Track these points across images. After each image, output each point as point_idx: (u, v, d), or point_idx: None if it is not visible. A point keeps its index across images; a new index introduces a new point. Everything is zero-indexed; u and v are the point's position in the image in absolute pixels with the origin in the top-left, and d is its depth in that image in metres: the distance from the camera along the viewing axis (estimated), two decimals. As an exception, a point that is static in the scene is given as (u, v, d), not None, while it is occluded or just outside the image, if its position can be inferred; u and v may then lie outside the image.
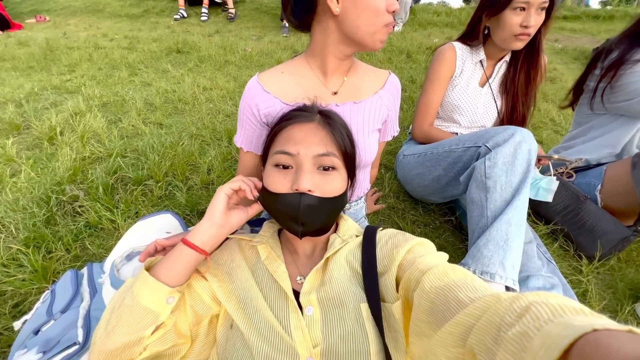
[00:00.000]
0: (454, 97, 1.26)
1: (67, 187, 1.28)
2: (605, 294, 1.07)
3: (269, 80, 0.79)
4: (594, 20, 5.22)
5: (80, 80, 2.40)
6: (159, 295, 0.51)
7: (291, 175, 0.58)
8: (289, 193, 0.57)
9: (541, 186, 1.15)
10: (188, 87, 2.29)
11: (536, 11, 1.03)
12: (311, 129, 0.61)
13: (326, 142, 0.60)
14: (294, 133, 0.61)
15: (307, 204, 0.56)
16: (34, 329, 0.66)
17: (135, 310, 0.49)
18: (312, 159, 0.58)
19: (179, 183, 1.36)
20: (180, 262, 0.54)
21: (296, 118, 0.63)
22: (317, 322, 0.54)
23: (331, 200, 0.59)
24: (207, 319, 0.58)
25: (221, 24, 4.12)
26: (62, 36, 3.55)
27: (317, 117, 0.63)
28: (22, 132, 1.74)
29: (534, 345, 0.27)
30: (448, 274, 0.46)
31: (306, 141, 0.59)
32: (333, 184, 0.59)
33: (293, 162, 0.59)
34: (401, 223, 1.27)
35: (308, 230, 0.59)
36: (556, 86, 2.72)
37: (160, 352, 0.52)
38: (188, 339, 0.56)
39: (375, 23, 0.69)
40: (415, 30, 4.07)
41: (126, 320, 0.49)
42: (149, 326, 0.49)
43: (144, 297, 0.50)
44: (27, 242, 1.05)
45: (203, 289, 0.59)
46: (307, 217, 0.57)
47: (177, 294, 0.53)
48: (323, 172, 0.59)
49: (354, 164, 0.66)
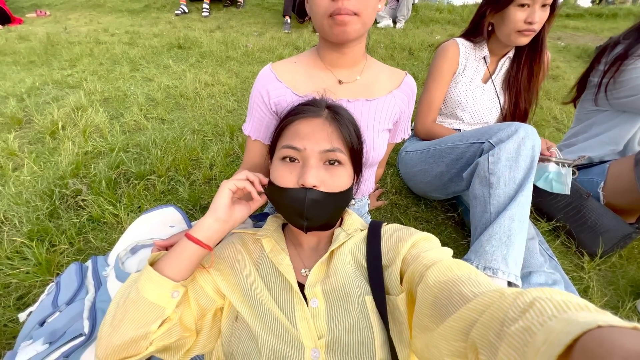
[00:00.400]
0: (457, 94, 1.26)
1: (69, 181, 1.28)
2: (607, 291, 1.07)
3: (282, 69, 0.80)
4: (597, 18, 5.19)
5: (82, 75, 2.39)
6: (164, 289, 0.51)
7: (297, 169, 0.59)
8: (294, 188, 0.57)
9: (553, 179, 1.15)
10: (190, 82, 2.29)
11: (540, 7, 1.02)
12: (318, 124, 0.61)
13: (333, 137, 0.60)
14: (301, 128, 0.61)
15: (312, 199, 0.56)
16: (40, 320, 0.66)
17: (141, 305, 0.49)
18: (318, 154, 0.58)
19: (182, 178, 1.36)
20: (184, 257, 0.54)
21: (304, 113, 0.63)
22: (322, 314, 0.54)
23: (336, 195, 0.59)
24: (212, 312, 0.58)
25: (222, 20, 4.10)
26: (63, 31, 3.53)
27: (325, 112, 0.63)
28: (23, 126, 1.74)
29: (537, 341, 0.27)
30: (452, 268, 0.47)
31: (313, 136, 0.59)
32: (339, 179, 0.59)
33: (300, 157, 0.59)
34: (403, 219, 1.28)
35: (313, 225, 0.59)
36: (558, 84, 2.71)
37: (166, 345, 0.53)
38: (193, 332, 0.56)
39: (318, 12, 0.67)
40: (418, 27, 4.05)
41: (132, 315, 0.49)
42: (155, 321, 0.50)
43: (148, 291, 0.50)
44: (31, 235, 1.05)
45: (207, 282, 0.59)
46: (312, 212, 0.57)
47: (181, 288, 0.53)
48: (329, 167, 0.59)
49: (360, 160, 0.66)
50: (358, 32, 0.68)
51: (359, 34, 0.70)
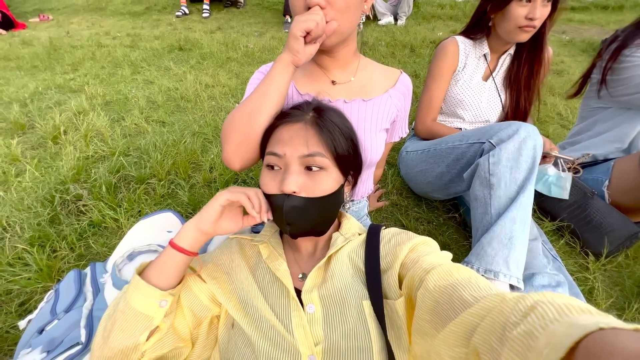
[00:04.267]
0: (457, 92, 1.24)
1: (70, 186, 1.29)
2: (613, 292, 1.05)
3: None
4: (602, 11, 5.09)
5: (84, 79, 2.41)
6: (151, 298, 0.50)
7: (280, 176, 0.58)
8: (276, 194, 0.57)
9: (552, 182, 1.13)
10: (190, 84, 2.29)
11: (542, 3, 1.01)
12: (298, 129, 0.59)
13: (312, 142, 0.58)
14: (282, 133, 0.60)
15: (291, 205, 0.55)
16: (39, 328, 0.67)
17: (129, 315, 0.49)
18: (298, 159, 0.57)
19: (182, 181, 1.36)
20: (170, 265, 0.53)
21: (287, 117, 0.62)
22: (319, 320, 0.53)
23: (320, 200, 0.58)
24: (207, 321, 0.58)
25: (223, 20, 4.10)
26: (66, 35, 3.56)
27: (308, 116, 0.61)
28: (26, 131, 1.75)
29: (539, 345, 0.27)
30: (452, 273, 0.46)
31: (292, 142, 0.58)
32: (321, 184, 0.58)
33: (281, 163, 0.58)
34: (404, 220, 1.27)
35: (296, 231, 0.58)
36: (563, 79, 2.67)
37: (160, 356, 0.52)
38: (188, 341, 0.56)
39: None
40: (419, 24, 4.01)
41: (120, 326, 0.49)
42: (143, 331, 0.49)
43: (136, 301, 0.50)
44: (32, 242, 1.06)
45: (201, 291, 0.59)
46: (292, 218, 0.56)
47: (169, 297, 0.52)
48: (310, 173, 0.58)
49: (352, 163, 0.65)
50: (334, 42, 0.67)
51: (335, 43, 0.69)
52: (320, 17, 0.61)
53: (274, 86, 0.64)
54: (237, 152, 0.66)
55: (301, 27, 0.60)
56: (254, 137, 0.64)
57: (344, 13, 0.64)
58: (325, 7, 0.62)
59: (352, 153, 0.64)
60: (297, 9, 0.66)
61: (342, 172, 0.62)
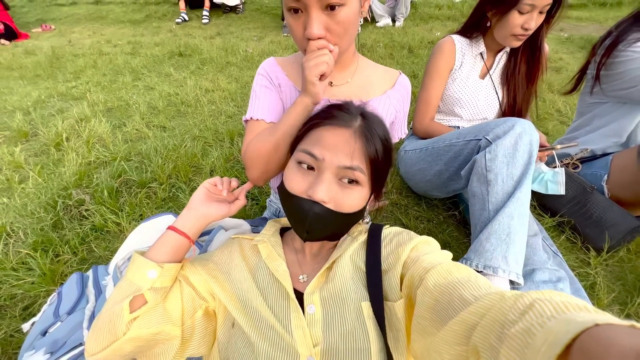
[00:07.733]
0: (455, 90, 1.25)
1: (73, 191, 1.30)
2: (615, 286, 1.05)
3: (285, 64, 0.82)
4: (600, 7, 5.09)
5: (85, 86, 2.44)
6: (142, 269, 0.53)
7: (311, 178, 0.56)
8: (302, 197, 0.56)
9: (548, 179, 1.14)
10: (190, 89, 2.31)
11: (538, 13, 1.02)
12: (345, 137, 0.56)
13: (357, 155, 0.55)
14: (326, 136, 0.57)
15: (317, 213, 0.54)
16: (42, 331, 0.68)
17: (121, 285, 0.53)
18: (336, 168, 0.55)
19: (182, 185, 1.38)
20: (163, 242, 0.57)
21: (334, 119, 0.59)
22: (319, 321, 0.53)
23: (344, 215, 0.57)
24: (202, 310, 0.58)
25: (222, 26, 4.14)
26: (68, 44, 3.61)
27: (357, 122, 0.58)
28: (30, 139, 1.78)
29: (537, 342, 0.27)
30: (452, 272, 0.46)
31: (335, 148, 0.55)
32: (351, 199, 0.56)
33: (316, 166, 0.57)
34: (404, 219, 1.27)
35: (312, 238, 0.58)
36: (562, 76, 2.67)
37: (146, 336, 0.51)
38: (178, 328, 0.55)
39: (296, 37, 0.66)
40: (417, 24, 4.03)
41: (113, 297, 0.52)
42: (129, 296, 0.51)
43: (129, 272, 0.53)
44: (36, 246, 1.07)
45: (199, 281, 0.59)
46: (314, 226, 0.56)
47: (158, 268, 0.54)
48: (344, 185, 0.56)
49: (383, 179, 0.63)
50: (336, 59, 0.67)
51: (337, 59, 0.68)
52: (329, 57, 0.62)
53: (297, 125, 0.68)
54: (262, 176, 0.75)
55: (316, 73, 0.62)
56: (278, 164, 0.73)
57: (343, 36, 0.64)
58: (326, 35, 0.62)
59: (387, 169, 0.62)
60: (296, 36, 0.66)
61: (372, 188, 0.61)
